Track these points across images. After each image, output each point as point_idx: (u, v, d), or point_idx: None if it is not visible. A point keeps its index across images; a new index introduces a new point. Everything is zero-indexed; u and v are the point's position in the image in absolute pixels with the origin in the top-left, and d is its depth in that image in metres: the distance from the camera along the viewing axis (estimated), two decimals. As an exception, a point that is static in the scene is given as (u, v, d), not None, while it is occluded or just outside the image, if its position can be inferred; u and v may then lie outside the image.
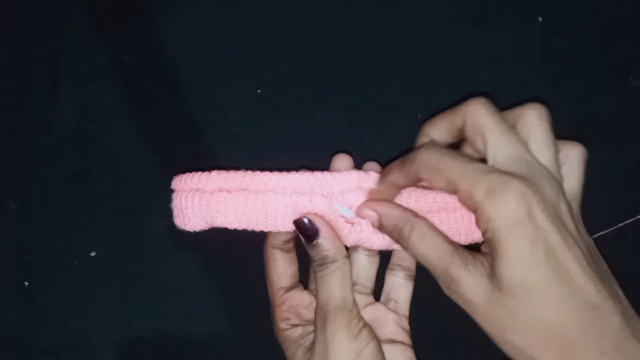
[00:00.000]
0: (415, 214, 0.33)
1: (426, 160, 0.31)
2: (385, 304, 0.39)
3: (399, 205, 0.34)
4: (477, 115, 0.31)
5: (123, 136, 0.44)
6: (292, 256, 0.38)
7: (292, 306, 0.37)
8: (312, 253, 0.34)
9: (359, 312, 0.34)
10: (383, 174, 0.34)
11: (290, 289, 0.37)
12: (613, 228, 0.42)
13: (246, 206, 0.33)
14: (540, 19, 0.44)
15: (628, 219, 0.42)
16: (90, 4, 0.44)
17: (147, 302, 0.43)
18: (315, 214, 0.33)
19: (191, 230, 0.35)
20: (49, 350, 0.43)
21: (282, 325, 0.37)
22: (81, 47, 0.44)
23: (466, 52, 0.44)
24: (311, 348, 0.35)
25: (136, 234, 0.43)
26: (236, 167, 0.39)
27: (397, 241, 0.33)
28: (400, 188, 0.34)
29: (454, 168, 0.29)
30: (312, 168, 0.39)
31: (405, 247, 0.32)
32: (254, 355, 0.43)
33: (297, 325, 0.37)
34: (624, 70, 0.44)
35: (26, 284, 0.43)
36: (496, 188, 0.28)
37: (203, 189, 0.34)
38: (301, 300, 0.37)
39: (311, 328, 0.36)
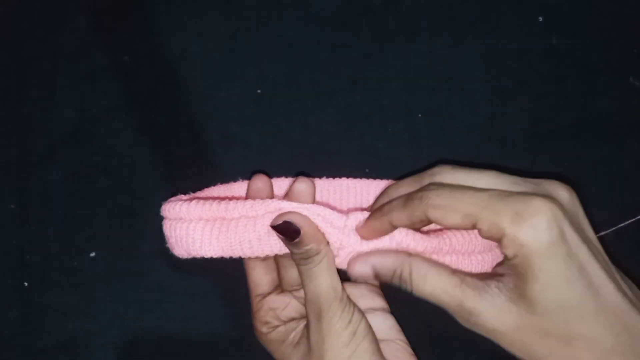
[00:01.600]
0: (408, 254, 0.31)
1: (434, 199, 0.29)
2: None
3: (390, 249, 0.32)
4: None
5: (122, 136, 0.44)
6: (269, 264, 0.37)
7: (270, 309, 0.37)
8: (293, 249, 0.32)
9: (348, 296, 0.34)
10: (380, 212, 0.32)
11: (267, 294, 0.37)
12: (613, 228, 0.42)
13: (220, 234, 0.33)
14: (540, 18, 0.44)
15: (628, 219, 0.42)
16: (89, 4, 0.44)
17: (146, 302, 0.43)
18: (292, 212, 0.32)
19: (180, 257, 0.35)
20: (48, 350, 0.43)
21: (264, 329, 0.36)
22: (80, 47, 0.44)
23: (466, 52, 0.44)
24: (302, 342, 0.34)
25: (136, 234, 0.43)
26: (236, 169, 0.39)
27: (398, 286, 0.31)
28: (397, 227, 0.32)
29: (469, 200, 0.28)
30: (310, 169, 0.39)
31: (410, 291, 0.31)
32: (254, 355, 0.43)
33: (277, 326, 0.36)
34: (624, 70, 0.44)
35: (26, 284, 0.43)
36: (523, 212, 0.27)
37: (184, 218, 0.34)
38: (279, 303, 0.37)
39: (292, 325, 0.36)
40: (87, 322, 0.43)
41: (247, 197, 0.36)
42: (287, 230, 0.31)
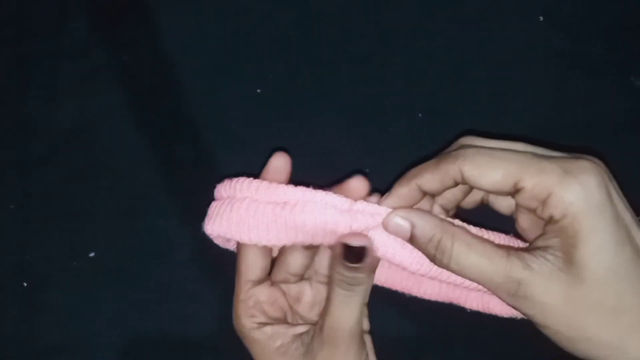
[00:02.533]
0: (453, 223, 0.29)
1: (472, 156, 0.28)
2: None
3: (433, 214, 0.30)
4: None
5: (123, 136, 0.44)
6: (267, 248, 0.34)
7: (258, 302, 0.33)
8: (345, 271, 0.30)
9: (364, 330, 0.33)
10: (407, 177, 0.30)
11: (258, 283, 0.34)
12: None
13: (224, 213, 0.32)
14: (541, 18, 0.44)
15: (629, 219, 0.42)
16: (90, 4, 0.44)
17: (147, 303, 0.43)
18: (367, 237, 0.29)
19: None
20: (48, 351, 0.43)
21: (248, 322, 0.33)
22: (81, 47, 0.44)
23: (466, 52, 0.44)
24: (295, 356, 0.33)
25: (136, 234, 0.43)
26: (236, 168, 0.39)
27: (432, 257, 0.29)
28: (426, 195, 0.30)
29: (511, 157, 0.27)
30: (310, 169, 0.39)
31: (446, 263, 0.28)
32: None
33: (264, 324, 0.34)
34: (626, 69, 0.44)
35: (25, 284, 0.43)
36: (571, 170, 0.26)
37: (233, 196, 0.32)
38: (268, 296, 0.34)
39: (280, 330, 0.33)
40: (87, 323, 0.43)
41: (263, 175, 0.34)
42: (354, 252, 0.29)
